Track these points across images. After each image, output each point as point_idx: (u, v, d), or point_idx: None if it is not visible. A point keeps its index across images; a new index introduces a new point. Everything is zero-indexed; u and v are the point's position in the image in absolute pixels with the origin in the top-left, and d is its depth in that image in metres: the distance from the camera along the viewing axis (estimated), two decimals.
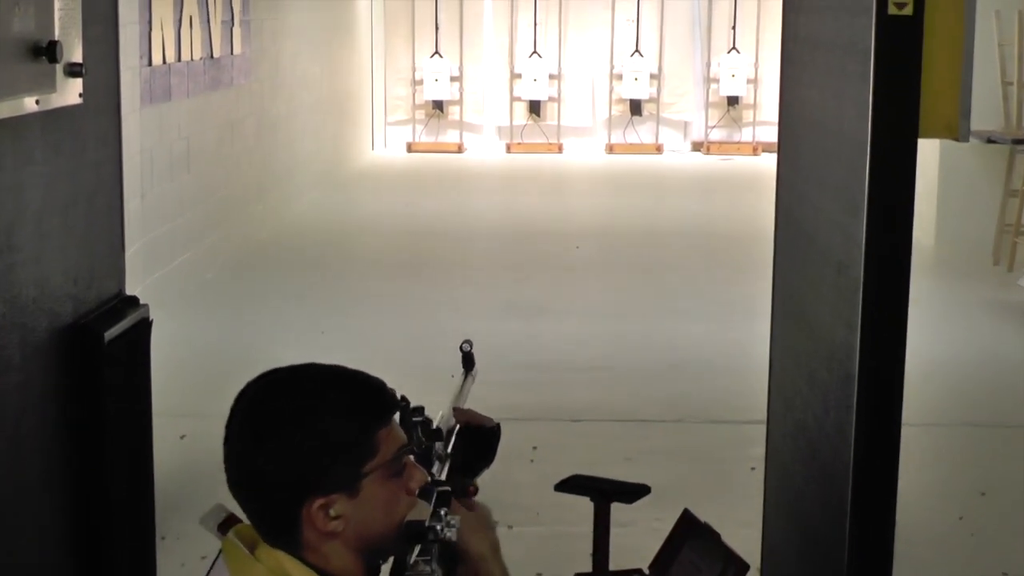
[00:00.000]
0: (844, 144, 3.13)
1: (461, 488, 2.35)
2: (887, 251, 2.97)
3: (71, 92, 3.22)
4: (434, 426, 2.44)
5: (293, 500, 2.13)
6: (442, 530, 2.21)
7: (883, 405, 3.05)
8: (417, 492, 2.22)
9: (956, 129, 2.92)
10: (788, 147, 3.99)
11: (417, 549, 2.20)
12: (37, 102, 3.04)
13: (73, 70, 3.18)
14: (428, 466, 2.36)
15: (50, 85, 3.09)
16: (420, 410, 2.37)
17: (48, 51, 3.01)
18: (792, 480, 3.83)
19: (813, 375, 3.50)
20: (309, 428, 2.13)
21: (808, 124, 3.64)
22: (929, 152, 10.58)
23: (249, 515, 2.20)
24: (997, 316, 8.99)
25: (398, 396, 2.26)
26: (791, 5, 4.01)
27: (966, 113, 2.92)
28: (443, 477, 2.40)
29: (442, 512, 2.22)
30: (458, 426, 2.53)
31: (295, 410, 2.15)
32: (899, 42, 2.88)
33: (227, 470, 2.19)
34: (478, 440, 2.55)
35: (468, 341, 2.66)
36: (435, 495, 2.25)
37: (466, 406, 2.61)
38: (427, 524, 2.20)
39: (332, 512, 2.14)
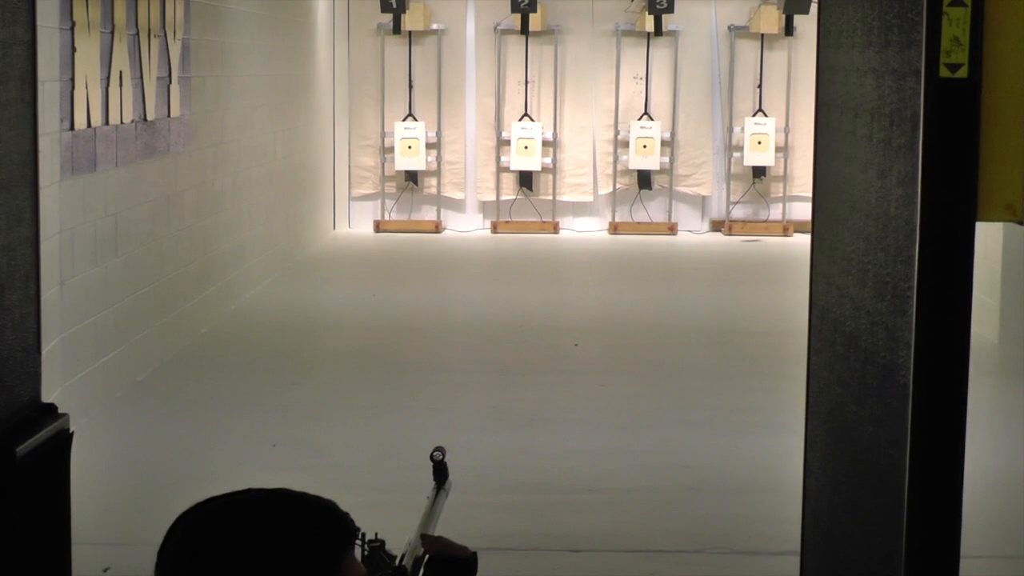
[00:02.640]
0: (889, 229, 3.15)
1: None
2: (940, 353, 2.98)
3: None
4: (399, 560, 2.44)
5: None
6: None
7: (939, 536, 3.05)
8: None
9: (1020, 211, 2.95)
10: (823, 231, 4.01)
11: None
12: None
13: None
14: None
15: None
16: (381, 543, 2.36)
17: None
18: None
19: (855, 501, 3.50)
20: (274, 563, 2.14)
21: (846, 204, 3.66)
22: (991, 234, 10.63)
23: None
24: None
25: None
26: (826, 65, 4.05)
27: None
28: None
29: None
30: (427, 556, 2.53)
31: (253, 542, 2.16)
32: (953, 109, 2.91)
33: None
34: (451, 573, 2.54)
35: (440, 448, 2.66)
36: None
37: (438, 530, 2.60)
38: None
39: None
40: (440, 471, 2.69)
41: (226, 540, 2.17)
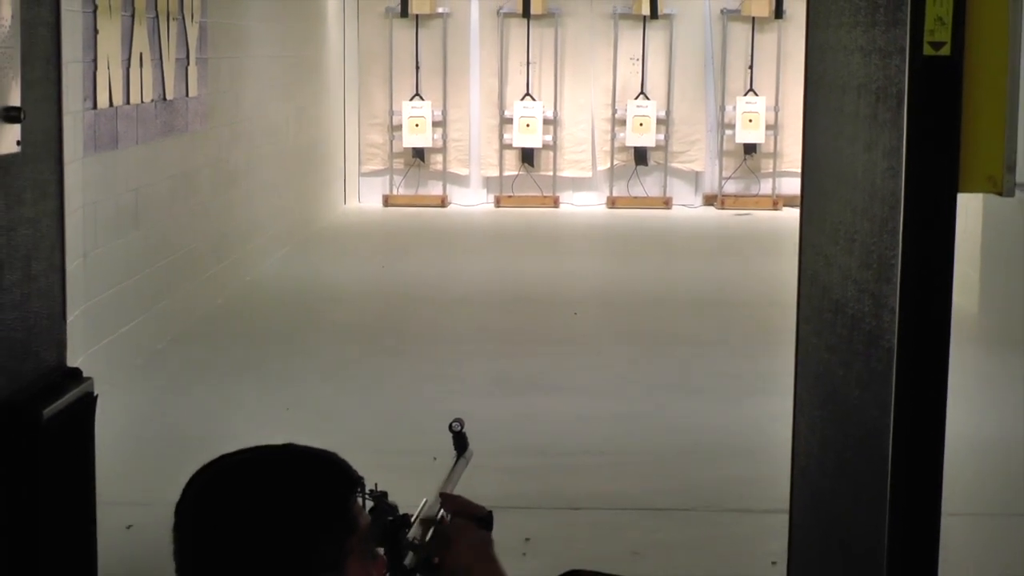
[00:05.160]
0: (875, 200, 3.15)
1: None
2: (924, 319, 2.98)
3: (7, 139, 3.23)
4: (417, 513, 2.45)
5: None
6: None
7: (921, 495, 3.05)
8: None
9: (1000, 182, 2.94)
10: (812, 203, 4.01)
11: None
12: None
13: (10, 115, 3.20)
14: (399, 556, 2.37)
15: None
16: (383, 494, 2.38)
17: None
18: None
19: (842, 460, 3.50)
20: (288, 509, 2.17)
21: (835, 178, 3.66)
22: (971, 207, 10.62)
23: None
24: None
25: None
26: (814, 45, 4.04)
27: (1011, 164, 2.94)
28: (413, 567, 2.41)
29: None
30: (443, 513, 2.53)
31: (267, 491, 2.19)
32: (936, 86, 2.91)
33: (187, 572, 2.19)
34: None
35: (459, 420, 2.67)
36: None
37: (455, 492, 2.62)
38: None
39: None
40: (460, 441, 2.70)
41: (240, 491, 2.19)
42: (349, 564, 2.19)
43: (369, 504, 2.31)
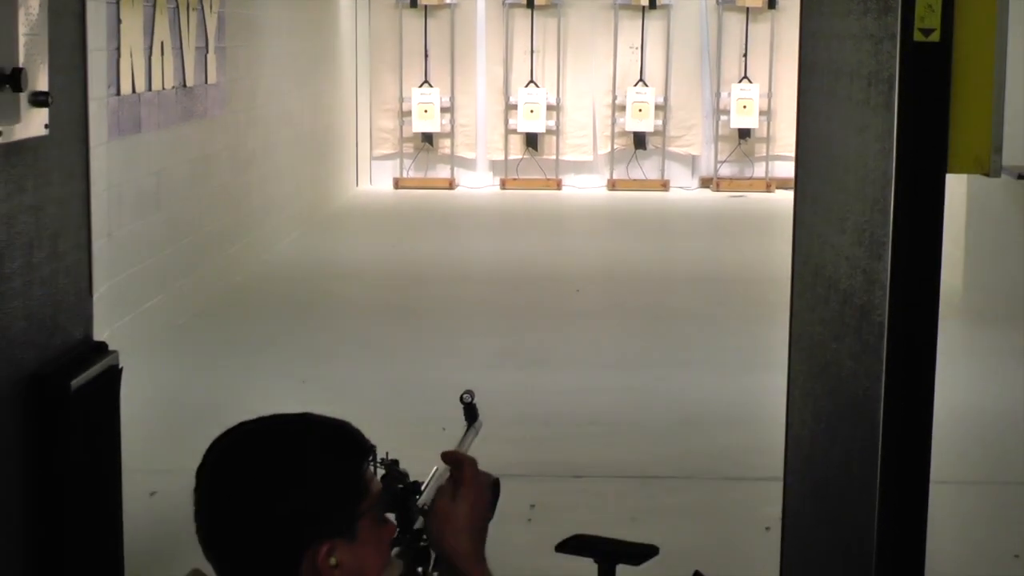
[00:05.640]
0: (867, 180, 3.14)
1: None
2: (913, 294, 2.97)
3: (36, 123, 3.23)
4: (427, 481, 2.44)
5: (291, 553, 2.15)
6: None
7: (911, 462, 3.05)
8: (391, 545, 2.25)
9: (987, 163, 2.93)
10: (806, 184, 4.00)
11: None
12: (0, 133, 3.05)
13: (38, 99, 3.19)
14: (409, 521, 2.36)
15: (14, 115, 3.10)
16: (395, 462, 2.37)
17: (12, 79, 3.02)
18: (812, 541, 3.82)
19: (834, 430, 3.50)
20: (303, 474, 2.17)
21: (828, 159, 3.65)
22: (956, 189, 10.60)
23: None
24: None
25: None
26: (808, 31, 4.03)
27: (998, 146, 2.93)
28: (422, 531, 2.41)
29: (419, 571, 2.24)
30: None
31: (284, 458, 2.19)
32: (926, 70, 2.90)
33: (206, 535, 2.19)
34: None
35: (469, 391, 2.66)
36: (412, 553, 2.27)
37: None
38: None
39: (332, 560, 2.16)
40: (470, 412, 2.69)
41: (257, 457, 2.20)
42: (360, 528, 2.19)
43: (381, 471, 2.30)
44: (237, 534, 2.17)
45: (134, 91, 9.04)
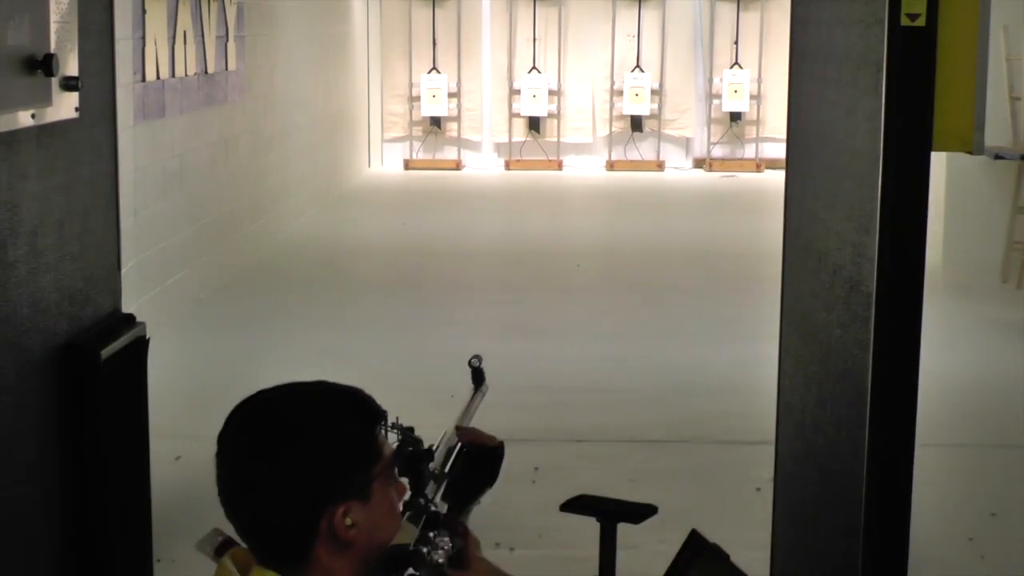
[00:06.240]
0: (856, 159, 3.12)
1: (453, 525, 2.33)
2: (900, 267, 2.96)
3: (67, 106, 3.22)
4: (436, 445, 2.44)
5: (310, 514, 2.14)
6: (429, 554, 2.21)
7: (897, 425, 3.04)
8: (402, 507, 2.24)
9: (970, 142, 2.92)
10: (797, 163, 3.98)
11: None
12: (32, 116, 3.04)
13: (69, 84, 3.18)
14: (422, 486, 2.35)
15: (46, 99, 3.09)
16: (410, 429, 2.36)
17: (44, 64, 3.00)
18: (802, 502, 3.82)
19: (824, 395, 3.49)
20: (320, 438, 2.16)
21: (818, 139, 3.63)
22: (936, 169, 10.56)
23: (250, 537, 2.20)
24: (1006, 335, 8.98)
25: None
26: (799, 18, 4.01)
27: (980, 126, 2.92)
28: (437, 498, 2.39)
29: (431, 535, 2.23)
30: (460, 445, 2.52)
31: (302, 423, 2.18)
32: (912, 53, 2.88)
33: (228, 496, 2.19)
34: (481, 460, 2.53)
35: (477, 356, 2.65)
36: (424, 517, 2.26)
37: (471, 424, 2.60)
38: (412, 548, 2.20)
39: (348, 520, 2.15)
40: (477, 376, 2.68)
41: (275, 422, 2.19)
42: (374, 490, 2.18)
43: (393, 436, 2.30)
44: (257, 496, 2.16)
45: (158, 77, 9.02)
